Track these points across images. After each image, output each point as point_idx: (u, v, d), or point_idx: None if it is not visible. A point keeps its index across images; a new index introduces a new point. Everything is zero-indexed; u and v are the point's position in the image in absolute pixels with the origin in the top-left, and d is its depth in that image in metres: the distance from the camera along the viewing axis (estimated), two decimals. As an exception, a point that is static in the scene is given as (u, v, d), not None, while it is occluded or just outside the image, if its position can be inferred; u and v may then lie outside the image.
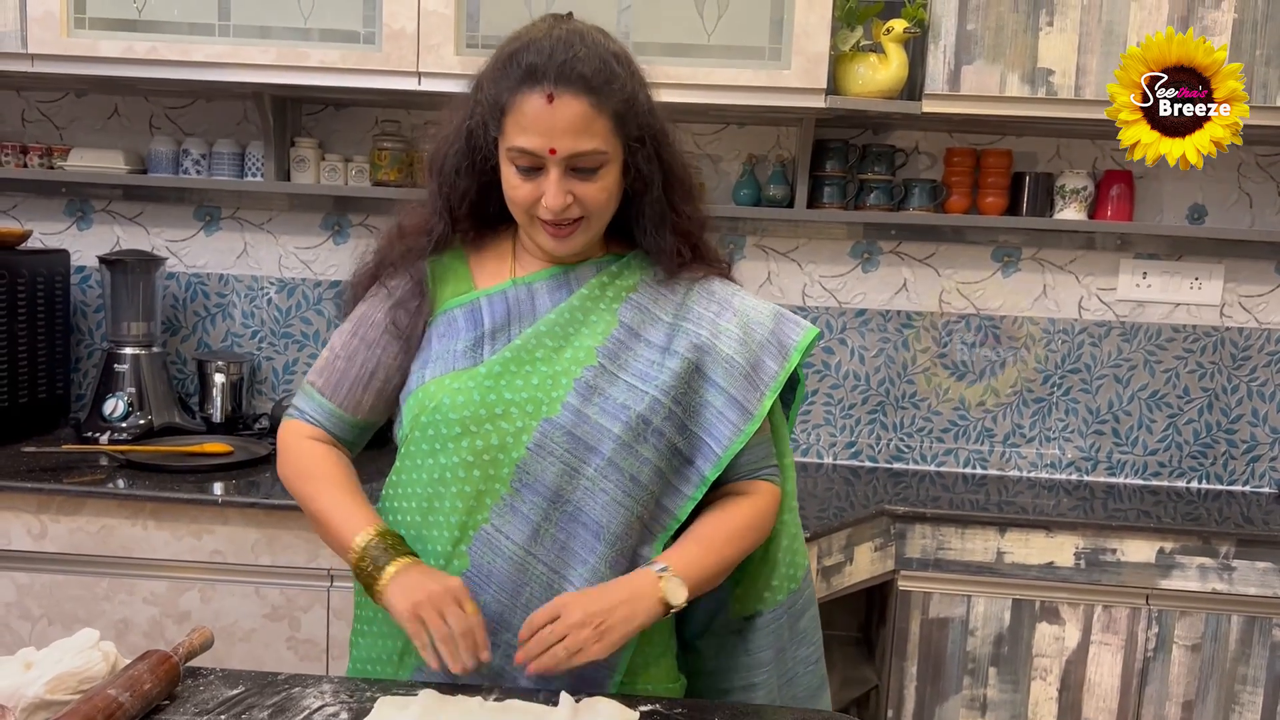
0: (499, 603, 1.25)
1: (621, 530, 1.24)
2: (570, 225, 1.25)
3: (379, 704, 1.18)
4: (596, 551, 1.24)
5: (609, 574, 1.24)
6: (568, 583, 1.25)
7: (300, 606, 2.16)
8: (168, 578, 2.16)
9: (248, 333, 2.71)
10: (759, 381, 1.31)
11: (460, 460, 1.24)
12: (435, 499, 1.26)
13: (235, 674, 1.25)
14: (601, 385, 1.25)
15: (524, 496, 1.23)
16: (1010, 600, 2.28)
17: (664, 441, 1.25)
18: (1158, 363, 2.64)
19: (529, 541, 1.23)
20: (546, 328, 1.27)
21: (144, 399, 2.49)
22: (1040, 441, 2.68)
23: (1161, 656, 2.27)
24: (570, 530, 1.24)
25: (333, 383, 1.33)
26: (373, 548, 1.21)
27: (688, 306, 1.32)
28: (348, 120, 2.64)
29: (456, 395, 1.23)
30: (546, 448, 1.23)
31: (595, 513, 1.24)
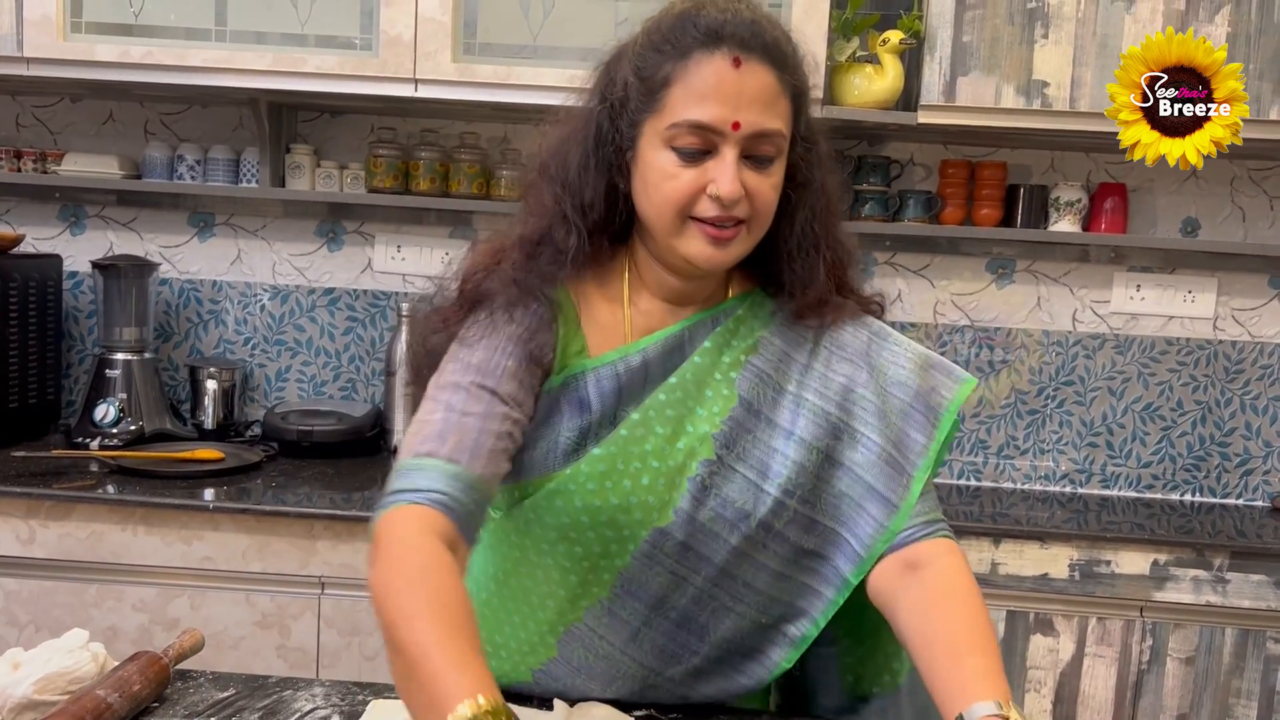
0: (586, 688, 1.17)
1: (730, 634, 1.14)
2: (733, 228, 1.02)
3: (371, 707, 1.17)
4: (700, 652, 1.15)
5: (711, 669, 1.15)
6: (663, 677, 1.16)
7: (291, 614, 2.14)
8: (157, 584, 2.14)
9: (240, 339, 2.70)
10: (904, 464, 1.08)
11: (555, 563, 1.11)
12: (522, 591, 1.15)
13: (226, 676, 1.23)
14: (717, 483, 1.07)
15: (624, 603, 1.11)
16: (1005, 611, 2.27)
17: (787, 546, 1.10)
18: (1151, 375, 2.65)
19: (626, 643, 1.14)
20: (657, 411, 1.07)
21: (135, 405, 2.47)
22: (1034, 453, 2.68)
23: (1156, 669, 2.27)
24: (671, 634, 1.14)
25: (468, 446, 0.99)
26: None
27: (813, 370, 1.11)
28: (344, 127, 2.64)
29: (555, 499, 1.07)
30: (655, 558, 1.08)
31: (701, 618, 1.13)
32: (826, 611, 1.13)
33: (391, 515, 0.96)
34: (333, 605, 2.13)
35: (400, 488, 0.98)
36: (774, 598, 1.14)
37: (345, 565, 2.11)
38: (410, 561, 0.92)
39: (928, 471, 1.08)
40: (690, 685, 1.18)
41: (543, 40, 2.27)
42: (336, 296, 2.68)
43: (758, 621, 1.15)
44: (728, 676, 1.18)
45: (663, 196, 1.02)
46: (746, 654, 1.17)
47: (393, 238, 2.65)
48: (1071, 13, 2.26)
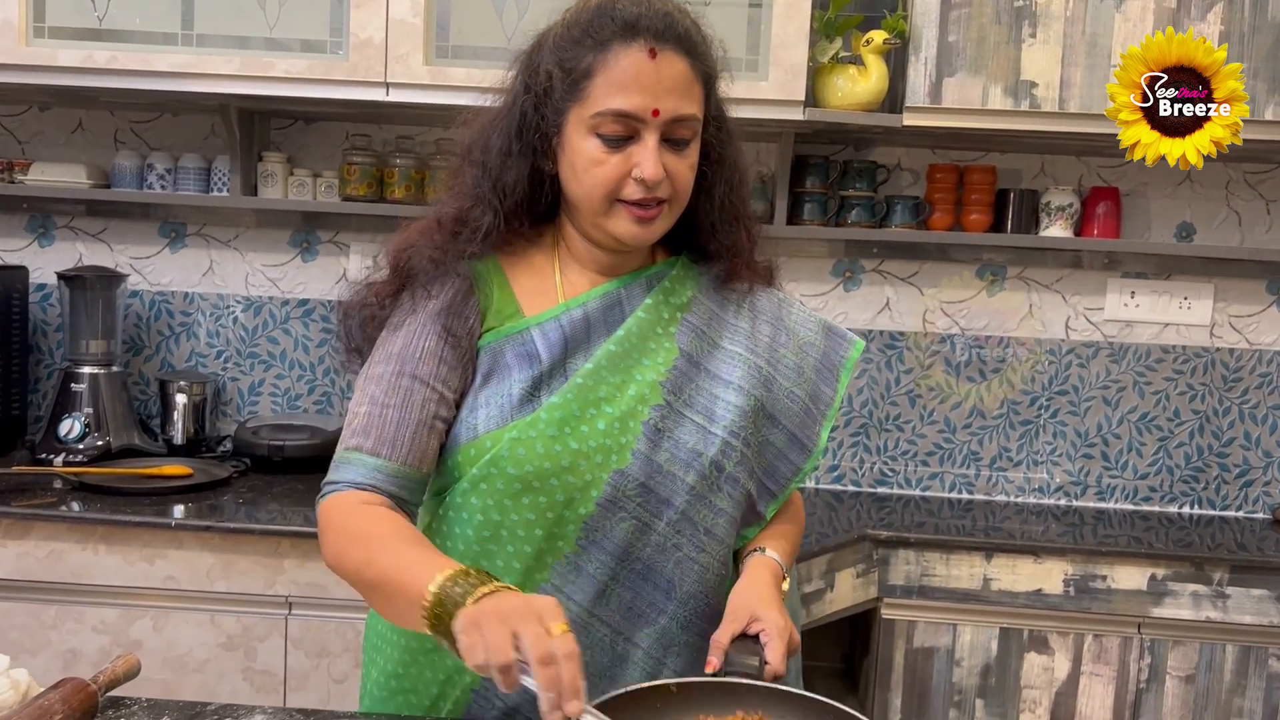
0: None
1: (695, 588, 1.16)
2: (656, 208, 1.10)
3: (312, 736, 1.10)
4: (666, 611, 1.16)
5: (679, 634, 1.17)
6: (633, 645, 1.16)
7: (257, 636, 2.07)
8: (119, 605, 2.07)
9: (212, 352, 2.63)
10: (816, 413, 1.25)
11: (520, 519, 1.12)
12: (485, 556, 1.14)
13: (161, 704, 1.16)
14: (669, 426, 1.14)
15: (591, 555, 1.13)
16: (998, 629, 2.19)
17: (739, 489, 1.18)
18: (1147, 384, 2.58)
19: (593, 603, 1.14)
20: (608, 361, 1.14)
21: (102, 420, 2.40)
22: (1028, 465, 2.60)
23: (1154, 687, 2.19)
24: (638, 589, 1.15)
25: (388, 437, 1.10)
26: (450, 585, 0.93)
27: (740, 329, 1.22)
28: (317, 135, 2.58)
29: (516, 448, 1.10)
30: (618, 502, 1.12)
31: (667, 570, 1.15)
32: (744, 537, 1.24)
33: (328, 503, 1.11)
34: (300, 626, 2.06)
35: (332, 479, 1.12)
36: (729, 546, 1.20)
37: (313, 584, 2.04)
38: (352, 523, 1.07)
39: (831, 421, 1.26)
40: (659, 658, 1.16)
41: (517, 42, 2.20)
42: (310, 308, 2.61)
43: (719, 575, 1.18)
44: (695, 648, 1.17)
45: (592, 181, 1.10)
46: (710, 618, 1.16)
47: (368, 247, 2.59)
48: (1060, 11, 2.20)
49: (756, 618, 1.08)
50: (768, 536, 1.23)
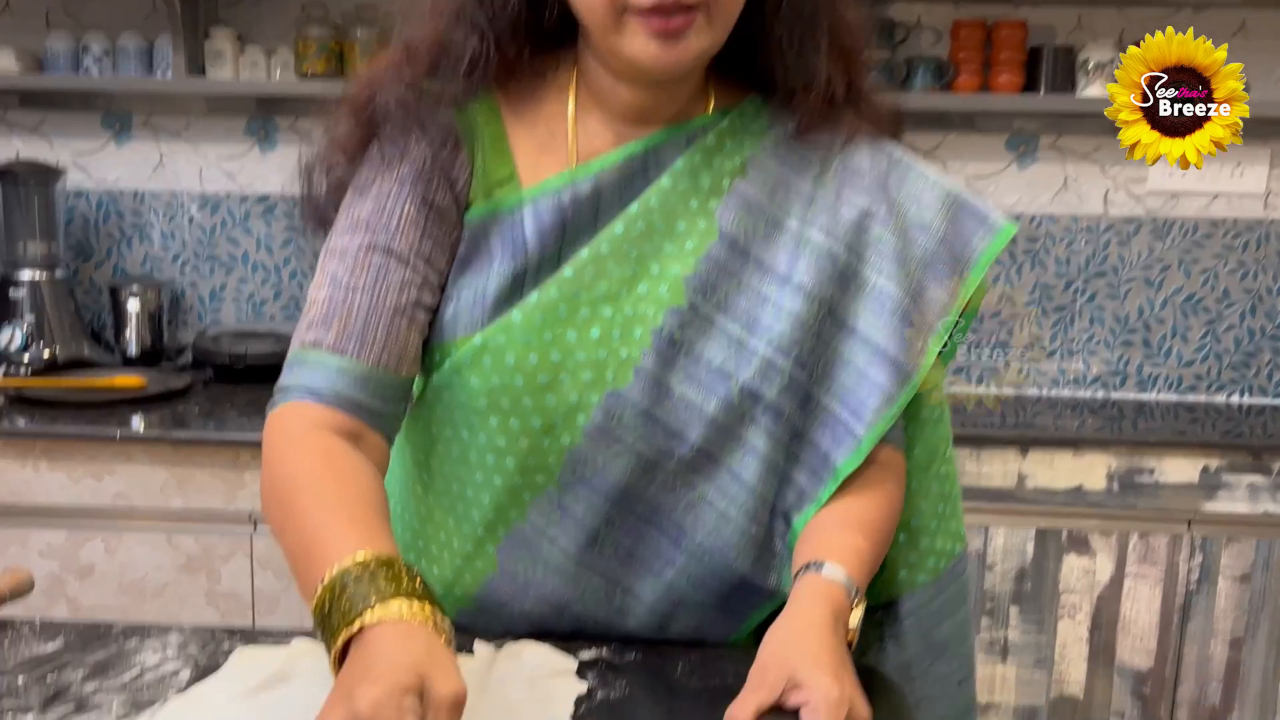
0: (539, 615, 0.95)
1: (712, 543, 0.91)
2: (683, 17, 0.79)
3: (235, 655, 0.90)
4: (674, 563, 0.92)
5: (690, 591, 0.93)
6: (634, 598, 0.94)
7: (219, 556, 1.88)
8: (66, 527, 1.88)
9: (168, 256, 2.41)
10: (922, 321, 0.89)
11: (489, 443, 0.89)
12: (454, 480, 0.93)
13: (56, 626, 0.96)
14: (691, 338, 0.87)
15: (577, 494, 0.90)
16: (1033, 530, 2.00)
17: (780, 423, 0.89)
18: (1194, 262, 2.35)
19: (582, 550, 0.92)
20: (612, 247, 0.87)
21: (45, 329, 2.19)
22: (1062, 355, 2.39)
23: (1206, 589, 2.00)
24: (640, 534, 0.92)
25: (355, 330, 0.83)
26: (350, 579, 0.68)
27: (817, 202, 0.90)
28: (269, 7, 2.32)
29: (481, 356, 0.86)
30: (612, 433, 0.87)
31: (676, 514, 0.91)
32: (808, 513, 0.91)
33: (276, 415, 0.84)
34: (267, 545, 1.87)
35: (284, 384, 0.85)
36: (763, 495, 0.91)
37: (278, 498, 1.84)
38: (286, 461, 0.81)
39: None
40: (666, 613, 0.95)
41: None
42: (272, 204, 2.38)
43: (746, 532, 0.92)
44: (710, 610, 0.95)
45: None
46: (730, 582, 0.93)
47: (332, 134, 2.34)
48: None
49: (797, 683, 0.73)
50: (834, 535, 0.87)
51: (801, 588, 0.82)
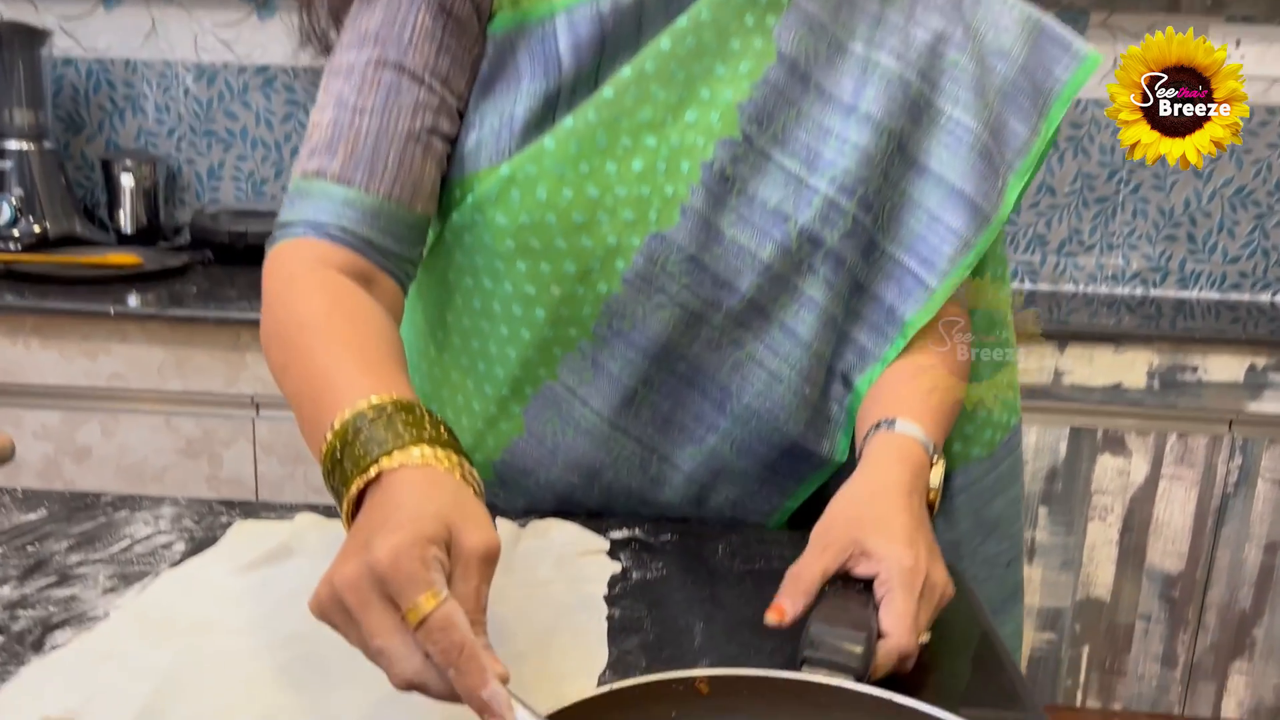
0: (565, 483, 0.87)
1: (761, 405, 0.83)
2: None
3: (234, 529, 0.82)
4: (717, 428, 0.84)
5: (733, 459, 0.85)
6: (671, 466, 0.85)
7: (221, 440, 1.80)
8: (61, 408, 1.80)
9: (163, 130, 2.28)
10: (999, 158, 0.82)
11: (515, 292, 0.80)
12: (474, 336, 0.84)
13: (39, 495, 0.88)
14: (744, 174, 0.78)
15: (613, 350, 0.81)
16: (1068, 429, 1.92)
17: (840, 273, 0.81)
18: (1246, 152, 2.22)
19: (617, 412, 0.83)
20: (658, 67, 0.77)
21: (35, 203, 2.08)
22: (1101, 249, 2.28)
23: (1243, 491, 1.93)
24: (680, 397, 0.84)
25: (363, 156, 0.74)
26: (365, 422, 0.57)
27: (889, 22, 0.81)
28: None
29: (509, 190, 0.77)
30: (654, 282, 0.79)
31: (721, 375, 0.83)
32: (871, 374, 0.83)
33: (275, 253, 0.75)
34: (270, 429, 1.79)
35: (285, 219, 0.76)
36: (818, 353, 0.83)
37: (281, 381, 1.76)
38: (287, 298, 0.71)
39: (1027, 176, 0.83)
40: (705, 484, 0.87)
41: None
42: (272, 76, 2.25)
43: (799, 394, 0.83)
44: (753, 480, 0.87)
45: None
46: (778, 448, 0.85)
47: (334, 0, 2.19)
48: None
49: (865, 550, 0.65)
50: (905, 390, 0.80)
51: (873, 447, 0.74)
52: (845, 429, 0.86)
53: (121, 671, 0.62)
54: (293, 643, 0.66)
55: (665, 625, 0.70)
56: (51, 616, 0.69)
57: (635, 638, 0.69)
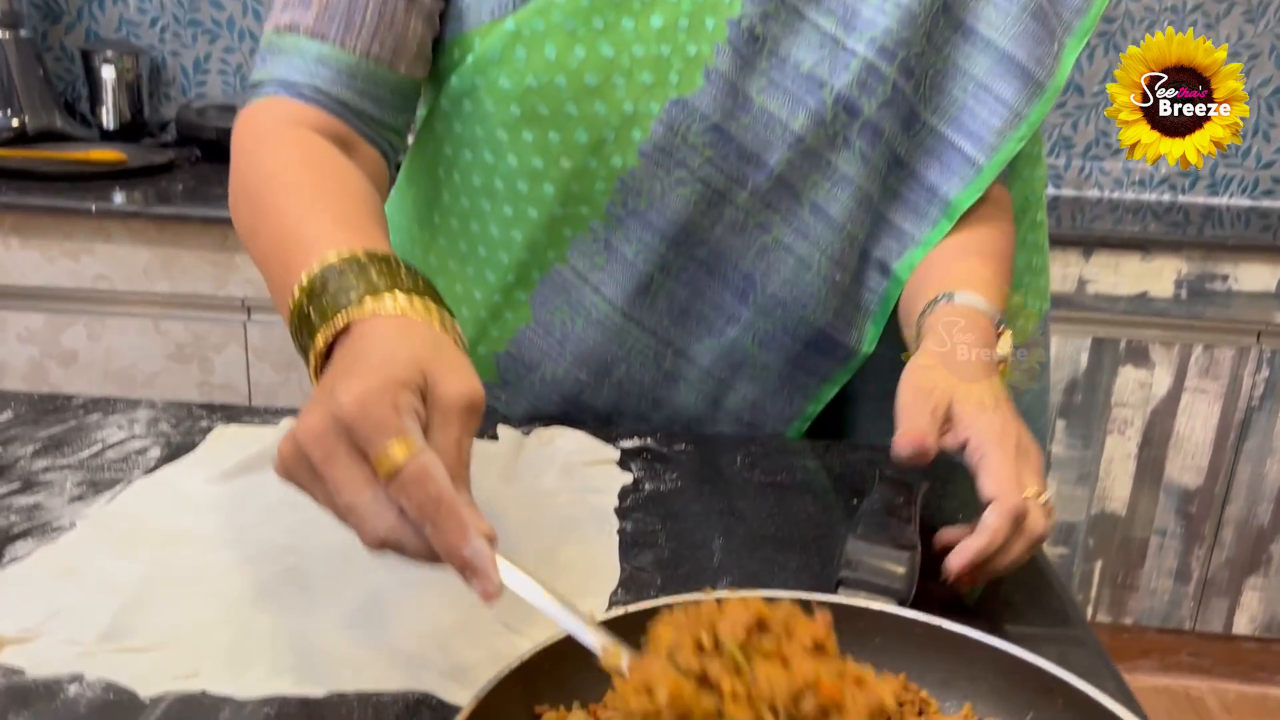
0: (573, 380, 0.80)
1: (787, 294, 0.77)
2: None
3: (213, 435, 0.76)
4: (739, 319, 0.78)
5: (753, 351, 0.80)
6: (687, 361, 0.79)
7: (211, 345, 1.74)
8: (44, 310, 1.73)
9: (145, 20, 2.17)
10: (1054, 19, 0.74)
11: (520, 164, 0.74)
12: (474, 217, 0.78)
13: (7, 396, 0.82)
14: (775, 33, 0.71)
15: (628, 231, 0.75)
16: (1090, 339, 1.85)
17: (878, 146, 0.74)
18: (1287, 51, 2.11)
19: (631, 301, 0.77)
20: None
21: (12, 96, 1.98)
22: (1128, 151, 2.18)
23: (1269, 405, 1.87)
24: (699, 286, 0.78)
25: (338, 9, 0.67)
26: (334, 274, 0.51)
27: None
28: None
29: (514, 48, 0.69)
30: (674, 154, 0.72)
31: (745, 262, 0.76)
32: (909, 259, 0.77)
33: (245, 113, 0.69)
34: (262, 334, 1.73)
35: (256, 79, 0.70)
36: (851, 235, 0.76)
37: (272, 284, 1.69)
38: (256, 156, 0.65)
39: (1085, 38, 0.75)
40: (723, 379, 0.81)
41: None
42: (259, -40, 2.12)
43: (828, 281, 0.77)
44: (775, 375, 0.81)
45: None
46: (804, 340, 0.79)
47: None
48: None
49: (950, 417, 0.59)
50: (957, 265, 0.73)
51: (935, 321, 0.67)
52: (877, 319, 0.80)
53: (85, 587, 0.57)
54: (273, 557, 0.60)
55: (681, 540, 0.65)
56: (12, 526, 0.63)
57: (649, 553, 0.63)
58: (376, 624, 0.55)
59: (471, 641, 0.53)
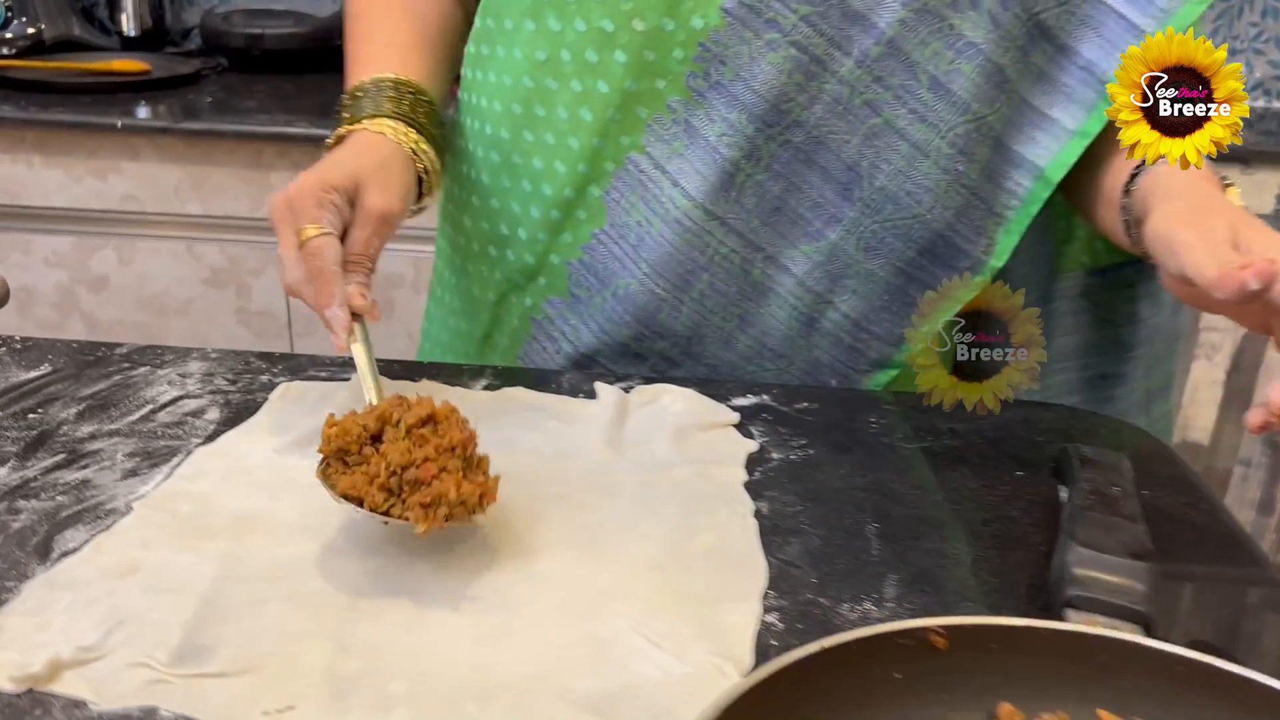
0: (649, 294, 0.70)
1: (899, 188, 0.67)
2: None
3: (278, 394, 0.67)
4: (841, 219, 0.68)
5: (858, 258, 0.69)
6: (779, 269, 0.69)
7: (248, 269, 1.65)
8: (72, 232, 1.64)
9: (163, -83, 2.02)
10: None
11: (589, 30, 0.66)
12: (539, 98, 0.70)
13: (43, 345, 0.74)
14: None
15: (711, 109, 0.66)
16: (1178, 259, 1.73)
17: (1014, 6, 0.64)
18: (1402, -60, 1.93)
19: (714, 196, 0.68)
20: None
21: (27, 3, 1.86)
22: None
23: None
24: (794, 178, 0.67)
25: None
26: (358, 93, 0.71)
27: None
28: None
29: None
30: (763, 11, 0.63)
31: (850, 150, 0.66)
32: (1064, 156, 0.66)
33: None
34: (301, 257, 1.63)
35: None
36: (981, 121, 0.65)
37: (311, 204, 1.59)
38: None
39: None
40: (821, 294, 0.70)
41: None
42: None
43: (949, 169, 0.66)
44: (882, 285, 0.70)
45: None
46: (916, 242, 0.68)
47: None
48: None
49: (1245, 243, 0.51)
50: None
51: (1153, 183, 0.59)
52: (1012, 226, 0.69)
53: (150, 589, 0.48)
54: (365, 549, 0.52)
55: (828, 525, 0.56)
56: (60, 510, 0.55)
57: (795, 542, 0.54)
58: (504, 639, 0.46)
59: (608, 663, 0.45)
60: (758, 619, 0.48)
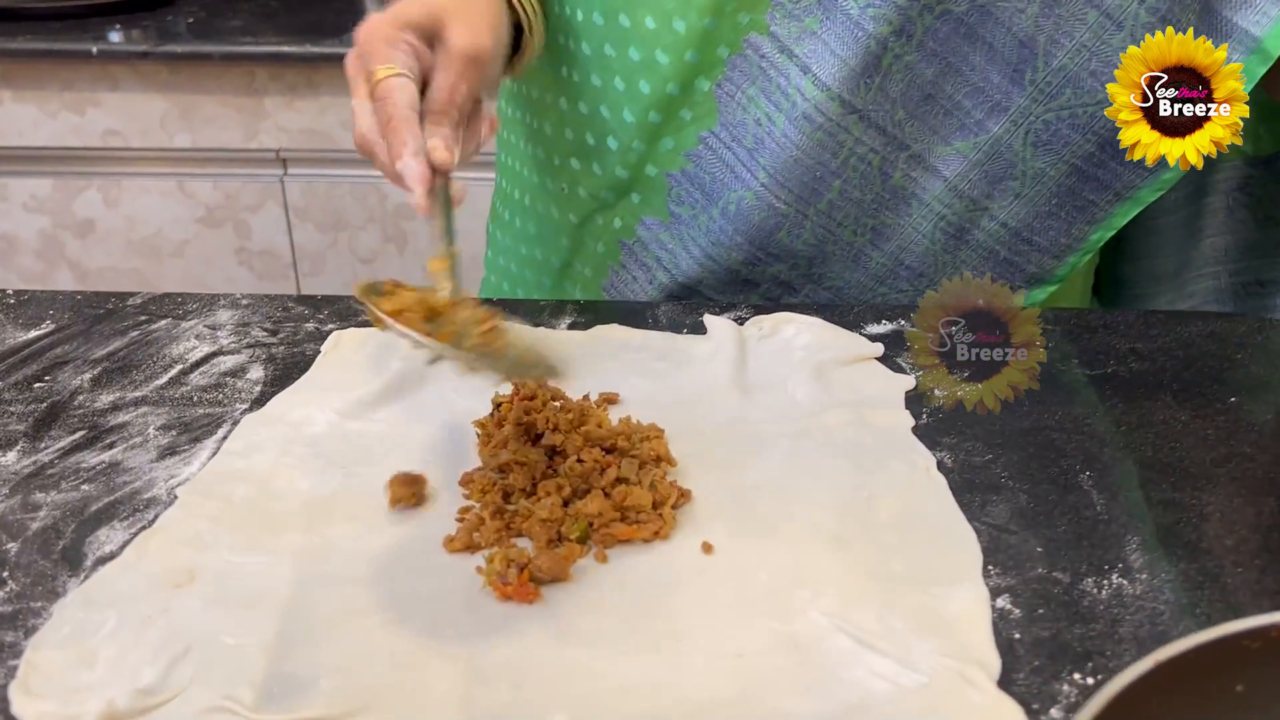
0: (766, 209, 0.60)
1: (1082, 67, 0.55)
2: None
3: (331, 345, 0.56)
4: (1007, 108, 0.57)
5: (1026, 155, 0.58)
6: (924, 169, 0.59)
7: (245, 205, 1.52)
8: (52, 173, 1.51)
9: None
10: None
11: None
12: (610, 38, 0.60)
13: (41, 297, 0.62)
14: None
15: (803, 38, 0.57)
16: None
17: None
18: None
19: (853, 83, 0.57)
20: None
21: (-21, -78, 1.69)
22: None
23: None
24: (952, 60, 0.56)
25: None
26: None
27: None
28: None
29: None
30: None
31: (1024, 22, 0.55)
32: None
33: None
34: (302, 190, 1.50)
35: None
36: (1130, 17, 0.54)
37: (311, 132, 1.45)
38: None
39: None
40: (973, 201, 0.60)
41: None
42: None
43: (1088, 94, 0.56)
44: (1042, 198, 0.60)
45: None
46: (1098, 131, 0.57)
47: None
48: None
49: None
50: None
51: None
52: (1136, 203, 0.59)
53: (213, 604, 0.38)
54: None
55: (1033, 476, 0.46)
56: (88, 502, 0.44)
57: (1000, 501, 0.44)
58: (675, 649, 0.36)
59: (817, 675, 0.35)
60: (988, 605, 0.38)
